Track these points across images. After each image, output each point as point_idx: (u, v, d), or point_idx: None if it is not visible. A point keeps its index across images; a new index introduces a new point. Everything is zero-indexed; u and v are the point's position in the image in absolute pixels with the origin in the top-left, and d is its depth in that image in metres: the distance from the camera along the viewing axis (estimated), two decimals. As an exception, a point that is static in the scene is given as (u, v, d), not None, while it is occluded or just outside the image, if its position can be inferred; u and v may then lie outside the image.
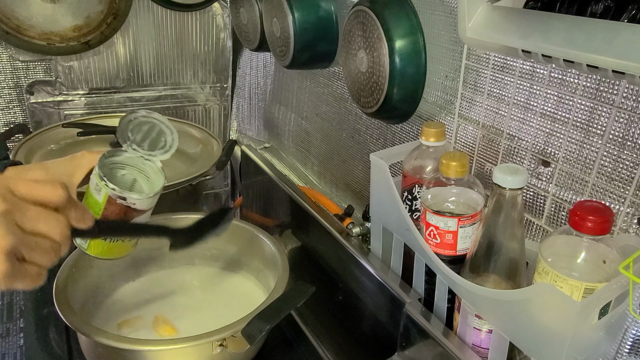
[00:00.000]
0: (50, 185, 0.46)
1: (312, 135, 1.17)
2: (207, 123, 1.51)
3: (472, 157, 0.72)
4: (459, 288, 0.60)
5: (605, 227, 0.48)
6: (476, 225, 0.61)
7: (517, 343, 0.55)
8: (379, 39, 0.75)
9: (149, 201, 0.71)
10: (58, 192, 0.46)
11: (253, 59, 1.40)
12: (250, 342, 0.65)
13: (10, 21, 1.15)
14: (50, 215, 0.46)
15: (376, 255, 0.79)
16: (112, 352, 0.69)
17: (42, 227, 0.45)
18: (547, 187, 0.62)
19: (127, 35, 1.31)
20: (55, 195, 0.46)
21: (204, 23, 1.38)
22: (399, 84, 0.76)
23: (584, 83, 0.56)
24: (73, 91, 1.30)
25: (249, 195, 1.27)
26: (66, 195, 0.47)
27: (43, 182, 0.46)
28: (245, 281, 0.94)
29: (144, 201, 0.70)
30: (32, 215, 0.44)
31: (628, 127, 0.53)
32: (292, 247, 1.06)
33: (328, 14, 0.96)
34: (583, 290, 0.49)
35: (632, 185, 0.53)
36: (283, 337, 0.91)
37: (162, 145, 0.75)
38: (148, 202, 0.71)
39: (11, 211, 0.42)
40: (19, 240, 0.43)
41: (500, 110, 0.67)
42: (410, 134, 0.85)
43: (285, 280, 0.78)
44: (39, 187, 0.45)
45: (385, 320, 0.77)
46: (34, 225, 0.44)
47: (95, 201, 0.69)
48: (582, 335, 0.48)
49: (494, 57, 0.65)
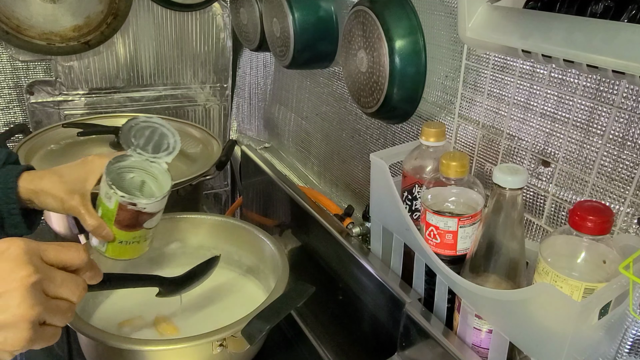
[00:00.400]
0: (75, 249, 0.49)
1: (312, 135, 1.17)
2: (207, 123, 1.51)
3: (472, 157, 0.72)
4: (459, 288, 0.60)
5: (605, 227, 0.48)
6: (476, 225, 0.61)
7: (517, 343, 0.55)
8: (379, 39, 0.75)
9: (158, 204, 0.72)
10: (82, 256, 0.50)
11: (253, 59, 1.40)
12: (250, 342, 0.65)
13: (10, 21, 1.15)
14: (72, 279, 0.49)
15: (376, 255, 0.79)
16: (112, 352, 0.69)
17: (64, 292, 0.48)
18: (547, 187, 0.62)
19: (127, 35, 1.31)
20: (79, 259, 0.49)
21: (204, 23, 1.38)
22: (399, 84, 0.76)
23: (584, 83, 0.56)
24: (73, 91, 1.30)
25: (249, 195, 1.27)
26: (88, 257, 0.50)
27: (68, 247, 0.49)
28: (245, 281, 0.94)
29: (153, 204, 0.71)
30: (58, 282, 0.47)
31: (628, 127, 0.53)
32: (292, 247, 1.06)
33: (328, 14, 0.96)
34: (583, 290, 0.49)
35: (632, 185, 0.53)
36: (283, 337, 0.91)
37: (166, 147, 0.76)
38: (158, 205, 0.72)
39: (41, 281, 0.45)
40: (44, 308, 0.45)
41: (500, 110, 0.67)
42: (410, 134, 0.85)
43: (285, 280, 0.78)
44: (65, 251, 0.49)
45: (385, 320, 0.77)
46: (57, 291, 0.47)
47: (107, 208, 0.70)
48: (582, 335, 0.48)
49: (494, 57, 0.65)
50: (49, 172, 0.73)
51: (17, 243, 0.45)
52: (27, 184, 0.71)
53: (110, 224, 0.71)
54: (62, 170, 0.73)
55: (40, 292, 0.45)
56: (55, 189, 0.70)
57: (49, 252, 0.48)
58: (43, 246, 0.47)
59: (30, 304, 0.43)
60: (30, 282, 0.44)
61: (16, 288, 0.43)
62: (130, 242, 0.73)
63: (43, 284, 0.45)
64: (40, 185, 0.71)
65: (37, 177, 0.72)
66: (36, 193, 0.71)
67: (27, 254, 0.45)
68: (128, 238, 0.73)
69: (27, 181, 0.71)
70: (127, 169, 0.74)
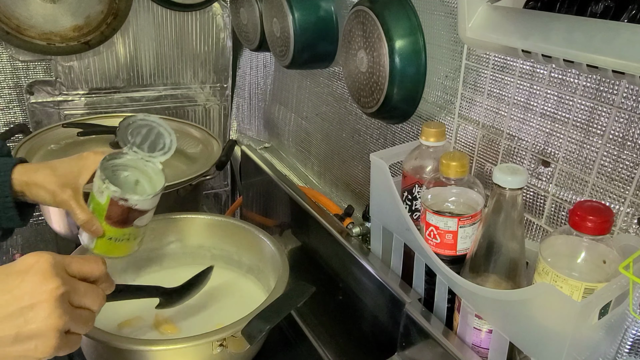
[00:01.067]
0: (94, 261, 0.53)
1: (312, 135, 1.17)
2: (207, 123, 1.51)
3: (472, 157, 0.72)
4: (459, 288, 0.60)
5: (605, 227, 0.48)
6: (476, 225, 0.61)
7: (517, 343, 0.55)
8: (379, 39, 0.75)
9: (150, 201, 0.71)
10: (101, 268, 0.53)
11: (253, 59, 1.40)
12: (250, 342, 0.65)
13: (10, 21, 1.15)
14: (93, 290, 0.52)
15: (376, 255, 0.79)
16: (112, 352, 0.69)
17: (87, 302, 0.51)
18: (547, 187, 0.62)
19: (127, 35, 1.31)
20: (99, 270, 0.53)
21: (204, 23, 1.38)
22: (399, 84, 0.76)
23: (584, 83, 0.56)
24: (73, 91, 1.30)
25: (249, 195, 1.27)
26: (105, 269, 0.54)
27: (88, 259, 0.53)
28: (245, 281, 0.94)
29: (145, 202, 0.70)
30: (81, 293, 0.50)
31: (628, 127, 0.53)
32: (292, 247, 1.06)
33: (328, 14, 0.96)
34: (583, 290, 0.49)
35: (632, 185, 0.53)
36: (283, 337, 0.91)
37: (162, 147, 0.76)
38: (149, 203, 0.72)
39: (67, 292, 0.48)
40: (70, 317, 0.48)
41: (500, 110, 0.67)
42: (410, 134, 0.85)
43: (285, 280, 0.78)
44: (87, 264, 0.52)
45: (385, 320, 0.77)
46: (81, 301, 0.50)
47: (98, 203, 0.69)
48: (582, 335, 0.48)
49: (494, 57, 0.65)
50: (42, 165, 0.74)
51: (45, 257, 0.48)
52: (19, 176, 0.71)
53: (101, 220, 0.71)
54: (56, 164, 0.74)
55: (66, 303, 0.48)
56: (47, 181, 0.71)
57: (73, 265, 0.51)
58: (67, 259, 0.50)
59: (58, 314, 0.46)
60: (58, 294, 0.47)
61: (46, 300, 0.46)
62: (119, 240, 0.73)
63: (69, 296, 0.48)
64: (33, 177, 0.71)
65: (30, 170, 0.72)
66: (28, 185, 0.71)
67: (54, 268, 0.48)
68: (118, 235, 0.73)
69: (20, 173, 0.71)
70: (122, 167, 0.74)
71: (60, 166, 0.73)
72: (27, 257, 0.48)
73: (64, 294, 0.47)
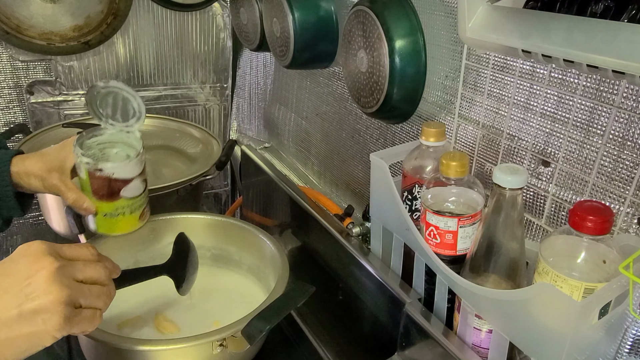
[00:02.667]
0: (84, 246, 0.55)
1: (312, 135, 1.17)
2: (207, 123, 1.51)
3: (472, 157, 0.72)
4: (459, 288, 0.60)
5: (605, 227, 0.48)
6: (476, 225, 0.61)
7: (517, 343, 0.55)
8: (379, 39, 0.75)
9: (128, 169, 0.72)
10: (91, 250, 0.55)
11: (253, 59, 1.40)
12: (250, 342, 0.65)
13: (10, 21, 1.15)
14: (94, 263, 0.54)
15: (376, 255, 0.79)
16: (112, 352, 0.69)
17: (92, 273, 0.53)
18: (547, 187, 0.62)
19: (127, 35, 1.31)
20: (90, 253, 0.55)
21: (204, 23, 1.38)
22: (399, 84, 0.76)
23: (584, 83, 0.56)
24: (73, 91, 1.30)
25: (249, 195, 1.27)
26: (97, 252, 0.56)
27: (79, 245, 0.55)
28: (245, 281, 0.94)
29: (120, 169, 0.71)
30: (81, 267, 0.52)
31: (628, 127, 0.53)
32: (292, 247, 1.06)
33: (328, 14, 0.96)
34: (583, 290, 0.49)
35: (632, 185, 0.53)
36: (283, 337, 0.91)
37: (133, 113, 0.77)
38: (127, 170, 0.72)
39: (64, 266, 0.50)
40: (74, 290, 0.49)
41: (500, 110, 0.67)
42: (410, 134, 0.85)
43: (285, 280, 0.78)
44: (77, 248, 0.54)
45: (385, 320, 0.77)
46: (85, 274, 0.52)
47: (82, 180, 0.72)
48: (582, 335, 0.48)
49: (494, 57, 0.65)
50: (32, 154, 0.76)
51: (36, 242, 0.50)
52: (14, 168, 0.74)
53: (89, 196, 0.73)
54: (45, 151, 0.76)
55: (67, 276, 0.49)
56: (36, 168, 0.74)
57: (64, 249, 0.53)
58: (58, 246, 0.52)
59: (58, 286, 0.47)
60: (54, 267, 0.48)
61: (41, 275, 0.47)
62: (115, 215, 0.75)
63: (68, 270, 0.50)
64: (24, 166, 0.74)
65: (22, 159, 0.75)
66: (20, 175, 0.74)
67: (46, 249, 0.50)
68: (110, 209, 0.74)
69: (15, 164, 0.74)
70: (109, 144, 0.75)
71: (48, 153, 0.76)
72: (20, 246, 0.50)
73: (60, 268, 0.49)
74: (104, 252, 0.85)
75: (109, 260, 0.57)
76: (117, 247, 0.88)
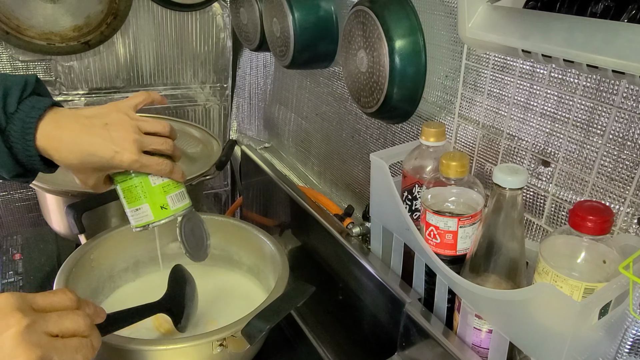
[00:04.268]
0: (61, 291, 0.50)
1: (312, 135, 1.17)
2: (207, 123, 1.51)
3: (472, 157, 0.72)
4: (459, 288, 0.60)
5: (605, 227, 0.48)
6: (476, 225, 0.61)
7: (517, 343, 0.55)
8: (379, 39, 0.75)
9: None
10: (69, 295, 0.51)
11: (253, 59, 1.40)
12: (250, 342, 0.65)
13: (10, 21, 1.15)
14: (72, 312, 0.50)
15: (376, 255, 0.79)
16: (112, 352, 0.69)
17: (69, 325, 0.48)
18: (547, 187, 0.62)
19: (127, 35, 1.31)
20: (69, 299, 0.50)
21: (204, 23, 1.38)
22: (399, 84, 0.76)
23: (584, 83, 0.56)
24: (73, 91, 1.30)
25: (249, 195, 1.27)
26: (76, 296, 0.51)
27: (54, 291, 0.50)
28: (245, 281, 0.94)
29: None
30: (55, 319, 0.47)
31: (628, 127, 0.53)
32: (292, 247, 1.06)
33: (328, 14, 0.96)
34: (583, 290, 0.49)
35: (632, 185, 0.53)
36: (283, 337, 0.91)
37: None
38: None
39: (35, 322, 0.45)
40: (46, 348, 0.45)
41: (500, 110, 0.67)
42: (410, 134, 0.85)
43: (285, 280, 0.78)
44: (53, 295, 0.50)
45: (385, 320, 0.77)
46: (60, 326, 0.47)
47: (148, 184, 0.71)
48: (582, 335, 0.48)
49: (494, 57, 0.65)
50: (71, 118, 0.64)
51: (3, 296, 0.46)
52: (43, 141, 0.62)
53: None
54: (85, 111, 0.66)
55: (38, 333, 0.45)
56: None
57: (38, 298, 0.49)
58: (30, 295, 0.48)
59: (26, 347, 0.43)
60: (22, 325, 0.44)
61: (7, 335, 0.43)
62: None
63: (39, 325, 0.46)
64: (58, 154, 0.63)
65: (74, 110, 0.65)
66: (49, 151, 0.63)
67: (15, 304, 0.46)
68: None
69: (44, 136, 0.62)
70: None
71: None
72: None
73: (29, 325, 0.45)
74: (104, 252, 0.87)
75: (90, 304, 0.53)
76: (118, 247, 0.89)
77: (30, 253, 1.10)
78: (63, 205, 0.94)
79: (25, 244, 1.13)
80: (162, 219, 0.71)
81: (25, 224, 1.35)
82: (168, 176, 0.70)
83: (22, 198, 1.33)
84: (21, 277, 1.02)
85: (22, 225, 1.35)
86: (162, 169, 0.68)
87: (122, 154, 0.63)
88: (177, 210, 0.73)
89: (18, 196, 1.32)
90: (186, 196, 0.75)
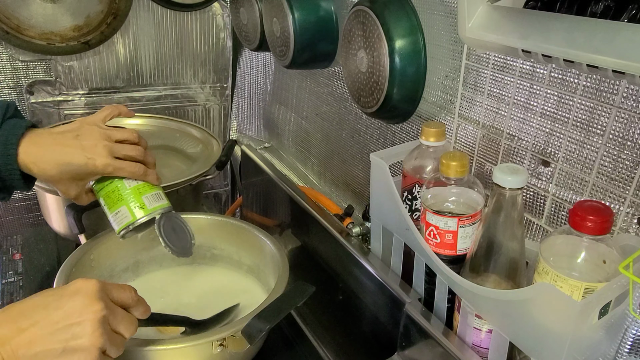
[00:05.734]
0: (129, 289, 0.59)
1: (312, 135, 1.17)
2: (207, 123, 1.51)
3: (472, 157, 0.72)
4: (459, 288, 0.60)
5: (605, 227, 0.48)
6: (476, 225, 0.61)
7: (517, 343, 0.55)
8: (379, 39, 0.75)
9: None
10: (134, 296, 0.59)
11: (253, 59, 1.40)
12: (250, 341, 0.65)
13: (10, 21, 1.15)
14: (128, 317, 0.58)
15: (376, 255, 0.79)
16: (112, 352, 0.69)
17: (121, 329, 0.56)
18: (547, 187, 0.62)
19: (127, 35, 1.31)
20: (132, 299, 0.59)
21: (204, 23, 1.38)
22: (399, 84, 0.76)
23: (584, 83, 0.56)
24: (73, 91, 1.30)
25: (249, 195, 1.27)
26: (137, 297, 0.60)
27: (125, 288, 0.59)
28: (245, 281, 0.94)
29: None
30: (119, 319, 0.56)
31: (628, 127, 0.53)
32: (292, 247, 1.06)
33: (328, 14, 0.96)
34: (583, 290, 0.49)
35: (632, 185, 0.53)
36: (283, 337, 0.91)
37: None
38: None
39: (109, 315, 0.54)
40: (109, 341, 0.54)
41: (500, 110, 0.67)
42: (410, 134, 0.85)
43: (285, 280, 0.78)
44: (124, 291, 0.58)
45: (385, 320, 0.77)
46: (117, 326, 0.56)
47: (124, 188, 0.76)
48: (582, 335, 0.48)
49: (494, 57, 0.65)
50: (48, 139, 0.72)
51: (93, 282, 0.54)
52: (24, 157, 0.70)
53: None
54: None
55: (106, 324, 0.54)
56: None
57: (114, 292, 0.57)
58: (109, 286, 0.57)
59: (99, 333, 0.52)
60: (101, 315, 0.53)
61: (90, 319, 0.52)
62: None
63: (111, 320, 0.55)
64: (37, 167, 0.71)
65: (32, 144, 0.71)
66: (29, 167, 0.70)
67: (100, 292, 0.54)
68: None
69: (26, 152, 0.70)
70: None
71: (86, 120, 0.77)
72: (77, 281, 0.54)
73: (105, 316, 0.53)
74: (105, 252, 0.87)
75: (143, 303, 0.61)
76: (118, 247, 0.89)
77: (30, 253, 1.10)
78: (63, 205, 0.94)
79: (25, 244, 1.13)
80: (140, 218, 0.75)
81: (25, 224, 1.35)
82: (142, 179, 0.76)
83: (22, 198, 1.33)
84: (21, 277, 1.02)
85: (22, 225, 1.35)
86: (136, 170, 0.75)
87: (94, 159, 0.71)
88: (155, 209, 0.76)
89: (18, 196, 1.32)
90: (163, 197, 0.79)
